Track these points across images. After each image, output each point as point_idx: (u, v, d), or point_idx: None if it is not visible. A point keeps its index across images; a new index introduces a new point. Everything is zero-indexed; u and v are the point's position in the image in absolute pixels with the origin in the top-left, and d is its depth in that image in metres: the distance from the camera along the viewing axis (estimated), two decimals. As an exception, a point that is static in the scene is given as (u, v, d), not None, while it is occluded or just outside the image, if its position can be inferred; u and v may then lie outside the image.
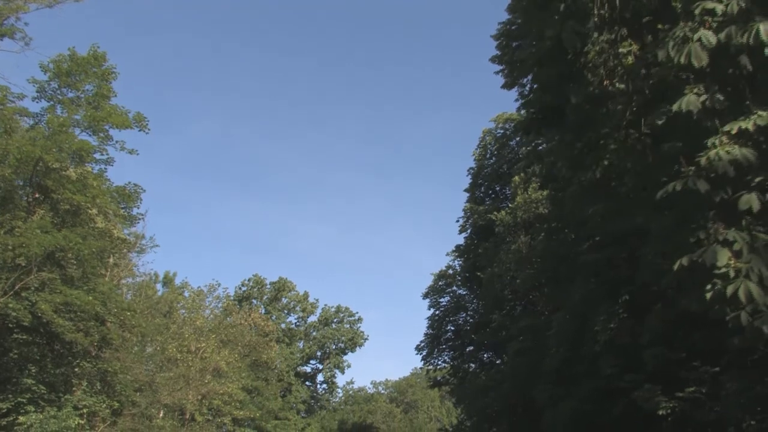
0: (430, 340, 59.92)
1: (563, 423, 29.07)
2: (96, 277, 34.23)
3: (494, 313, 48.45)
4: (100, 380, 34.55)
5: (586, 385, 27.44)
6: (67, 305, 31.36)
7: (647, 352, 23.72)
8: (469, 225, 55.21)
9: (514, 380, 39.25)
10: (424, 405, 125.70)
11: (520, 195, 47.20)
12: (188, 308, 64.75)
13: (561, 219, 34.01)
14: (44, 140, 32.58)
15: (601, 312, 26.62)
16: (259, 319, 77.22)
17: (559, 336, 29.94)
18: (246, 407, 63.09)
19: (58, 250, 31.73)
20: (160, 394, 49.13)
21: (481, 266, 49.09)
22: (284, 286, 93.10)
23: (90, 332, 32.84)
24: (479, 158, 57.01)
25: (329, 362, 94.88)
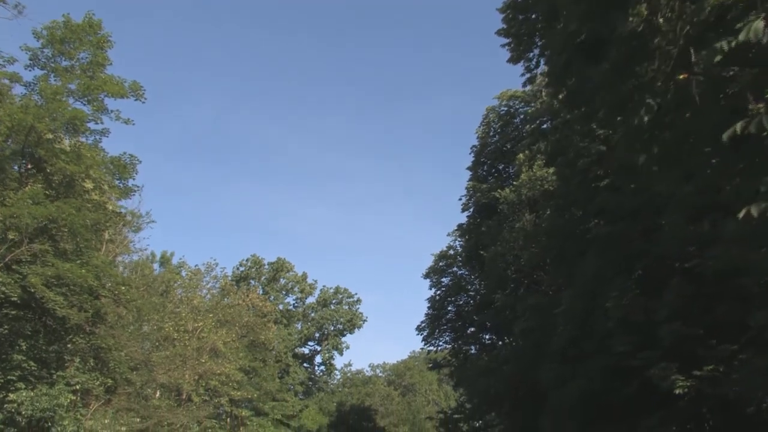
0: (431, 320, 59.06)
1: (570, 404, 28.15)
2: (90, 251, 33.12)
3: (497, 292, 47.52)
4: (93, 357, 33.47)
5: (596, 363, 26.51)
6: (59, 279, 30.28)
7: (664, 327, 22.77)
8: (472, 203, 54.21)
9: (519, 361, 38.42)
10: (422, 388, 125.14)
11: (525, 172, 46.18)
12: (185, 287, 63.78)
13: (568, 195, 33.03)
14: (37, 108, 31.45)
15: (613, 288, 25.63)
16: (257, 300, 76.36)
17: (567, 314, 28.94)
18: (243, 388, 62.25)
19: (51, 222, 30.64)
20: (156, 373, 48.20)
21: (484, 245, 48.11)
22: (282, 266, 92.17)
23: (83, 307, 31.82)
24: (482, 136, 55.94)
25: (327, 344, 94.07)
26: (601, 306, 26.68)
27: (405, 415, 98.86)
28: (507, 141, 54.65)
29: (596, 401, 26.88)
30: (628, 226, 25.65)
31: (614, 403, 26.03)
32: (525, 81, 37.33)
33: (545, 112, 46.98)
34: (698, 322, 22.49)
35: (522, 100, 53.73)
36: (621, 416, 25.76)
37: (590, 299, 27.72)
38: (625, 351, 24.28)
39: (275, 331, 78.14)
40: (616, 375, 25.61)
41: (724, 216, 20.38)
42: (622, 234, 25.71)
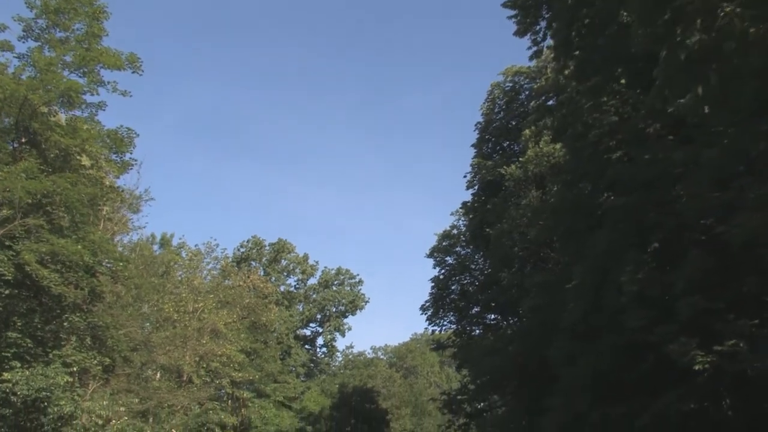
0: (435, 300, 58.25)
1: (582, 382, 27.27)
2: (86, 226, 32.20)
3: (503, 271, 46.63)
4: (90, 335, 32.58)
5: (609, 340, 25.63)
6: (53, 255, 29.38)
7: (681, 301, 21.88)
8: (477, 181, 53.19)
9: (526, 339, 37.58)
10: (423, 370, 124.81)
11: (531, 148, 45.17)
12: (186, 268, 63.01)
13: (578, 169, 32.07)
14: (30, 79, 30.52)
15: (627, 262, 24.71)
16: (258, 281, 75.63)
17: (578, 289, 27.97)
18: (245, 369, 61.59)
19: (45, 197, 29.73)
20: (156, 354, 47.50)
21: (490, 223, 47.17)
22: (284, 247, 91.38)
23: (79, 285, 30.93)
24: (487, 113, 54.88)
25: (329, 325, 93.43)
26: (614, 281, 25.78)
27: (407, 398, 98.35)
28: (512, 118, 53.68)
29: (609, 378, 26.03)
30: (643, 197, 24.69)
31: (628, 380, 25.17)
32: (531, 54, 36.45)
33: (551, 87, 46.07)
34: (717, 295, 21.63)
35: (527, 76, 52.74)
36: (634, 394, 24.89)
37: (602, 274, 26.80)
38: (640, 326, 23.39)
39: (276, 312, 77.44)
40: (631, 351, 24.78)
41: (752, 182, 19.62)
42: (638, 205, 24.74)
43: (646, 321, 23.28)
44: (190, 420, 51.98)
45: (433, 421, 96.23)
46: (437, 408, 73.37)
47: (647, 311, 23.53)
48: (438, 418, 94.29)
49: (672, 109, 25.14)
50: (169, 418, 49.09)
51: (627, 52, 28.63)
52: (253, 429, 68.57)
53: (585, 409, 27.11)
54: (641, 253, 24.73)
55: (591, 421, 26.50)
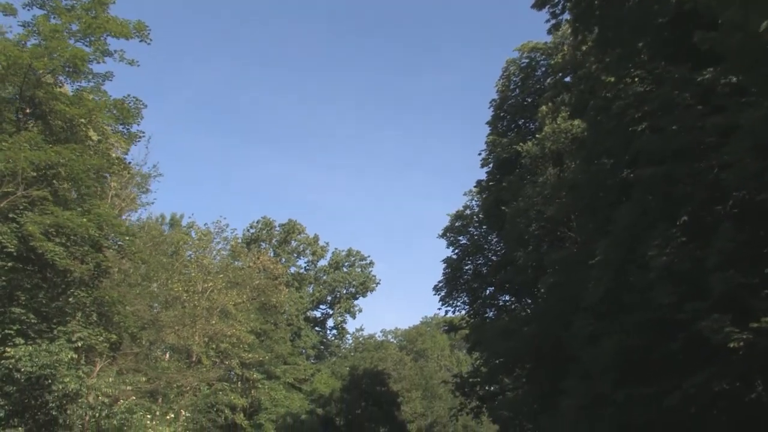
0: (448, 280, 57.32)
1: (606, 361, 26.23)
2: (92, 199, 31.21)
3: (518, 250, 45.58)
4: (96, 311, 31.64)
5: (636, 317, 24.59)
6: (58, 227, 28.41)
7: (714, 276, 20.82)
8: (492, 158, 52.11)
9: (543, 320, 36.57)
10: (434, 354, 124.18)
11: (548, 125, 43.99)
12: (195, 248, 62.20)
13: (601, 142, 30.96)
14: (34, 46, 29.52)
15: (655, 236, 23.66)
16: (268, 262, 74.81)
17: (602, 266, 26.94)
18: (254, 351, 60.87)
19: (49, 168, 28.76)
20: (164, 333, 46.74)
21: (505, 201, 46.04)
22: (294, 228, 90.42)
23: (85, 259, 29.99)
24: (502, 90, 53.73)
25: (340, 307, 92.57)
26: (640, 256, 24.79)
27: (417, 381, 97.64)
28: (528, 95, 52.59)
29: (634, 358, 25.00)
30: (673, 168, 23.60)
31: (655, 359, 24.14)
32: (550, 28, 35.50)
33: (568, 63, 44.98)
34: (752, 269, 20.58)
35: (543, 52, 51.59)
36: (662, 373, 23.88)
37: (627, 250, 25.79)
38: (670, 303, 22.36)
39: (287, 293, 76.63)
40: (659, 329, 23.76)
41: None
42: (668, 176, 23.65)
43: (676, 297, 22.28)
44: (199, 400, 51.31)
45: (443, 405, 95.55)
46: (450, 391, 72.50)
47: (677, 287, 22.53)
48: (449, 401, 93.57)
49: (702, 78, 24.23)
50: (178, 399, 48.42)
51: (652, 23, 27.67)
52: (262, 411, 68.00)
53: (608, 390, 26.13)
54: (670, 226, 23.68)
55: (614, 402, 25.49)
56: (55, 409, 28.87)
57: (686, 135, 23.72)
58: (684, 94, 24.63)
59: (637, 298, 24.60)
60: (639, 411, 24.27)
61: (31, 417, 29.38)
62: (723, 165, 22.17)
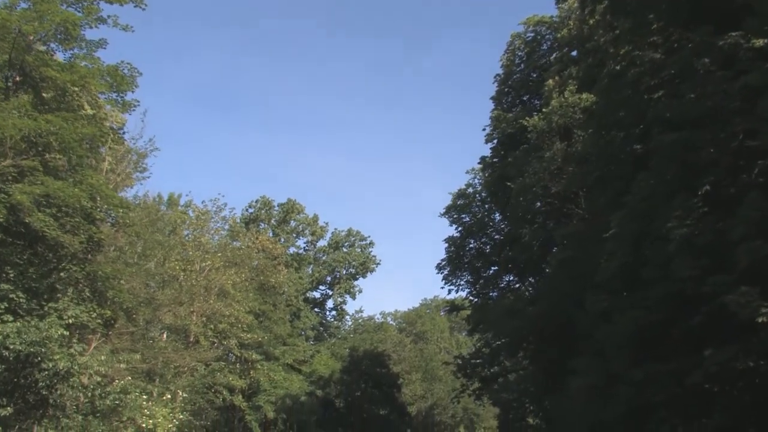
0: (450, 258, 56.32)
1: (622, 338, 25.07)
2: (84, 169, 29.88)
3: (524, 227, 44.50)
4: (89, 287, 30.41)
5: (655, 292, 23.41)
6: (48, 198, 27.11)
7: (740, 247, 19.66)
8: (497, 134, 50.87)
9: (552, 297, 35.45)
10: (433, 336, 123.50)
11: (555, 99, 42.73)
12: (193, 227, 60.99)
13: (614, 112, 29.74)
14: (24, 10, 28.20)
15: (675, 207, 22.49)
16: (266, 242, 73.72)
17: (617, 239, 25.77)
18: (253, 331, 59.81)
19: (39, 136, 27.45)
20: (161, 312, 45.58)
21: (510, 177, 44.89)
22: (293, 208, 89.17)
23: (77, 232, 28.65)
24: (507, 64, 52.52)
25: (339, 287, 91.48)
26: (658, 229, 23.65)
27: (417, 363, 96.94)
28: (533, 69, 51.38)
29: (653, 335, 23.86)
30: (696, 134, 22.39)
31: (675, 336, 23.01)
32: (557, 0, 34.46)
33: (575, 37, 43.84)
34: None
35: (549, 26, 50.41)
36: (682, 351, 22.77)
37: (644, 222, 24.63)
38: (691, 276, 21.21)
39: (286, 274, 75.56)
40: (678, 305, 22.62)
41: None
42: (689, 143, 22.43)
43: (698, 271, 21.14)
44: (196, 381, 50.20)
45: (443, 387, 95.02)
46: (451, 372, 71.75)
47: (698, 260, 21.39)
48: (449, 383, 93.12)
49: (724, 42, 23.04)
50: (175, 379, 47.32)
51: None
52: (261, 392, 67.01)
53: (623, 368, 25.03)
54: (690, 197, 22.50)
55: (630, 381, 24.38)
56: (46, 388, 27.64)
57: (707, 101, 22.55)
58: (704, 59, 23.44)
59: (655, 272, 23.45)
60: (656, 390, 23.15)
61: (21, 396, 28.19)
62: (748, 131, 21.06)
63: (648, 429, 23.61)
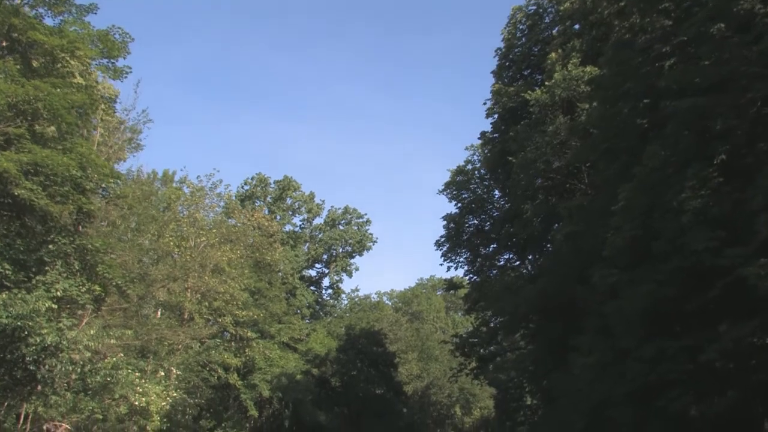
0: (450, 235, 55.48)
1: (632, 314, 24.17)
2: (74, 137, 28.74)
3: (525, 203, 43.60)
4: (79, 260, 29.37)
5: (667, 266, 22.51)
6: (36, 166, 26.00)
7: (759, 218, 18.79)
8: (498, 108, 49.80)
9: (557, 272, 34.54)
10: (429, 316, 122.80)
11: (558, 72, 41.69)
12: (187, 203, 59.97)
13: (622, 82, 28.70)
14: (8, -30, 27.15)
15: (689, 177, 21.59)
16: (262, 219, 72.69)
17: (626, 212, 24.83)
18: (248, 309, 58.89)
19: (26, 103, 26.32)
20: (154, 288, 44.61)
21: (512, 152, 43.93)
22: (289, 185, 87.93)
23: (66, 201, 27.53)
24: (508, 38, 51.46)
25: (336, 265, 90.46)
26: (670, 200, 22.76)
27: (413, 342, 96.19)
28: (535, 43, 50.28)
29: (665, 310, 22.99)
30: (713, 100, 21.43)
31: (688, 311, 22.13)
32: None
33: (578, 10, 42.82)
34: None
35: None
36: (696, 327, 21.94)
37: (655, 194, 23.72)
38: (708, 249, 20.33)
39: (281, 252, 74.59)
40: (692, 279, 21.76)
41: None
42: (706, 109, 21.47)
43: (714, 243, 20.28)
44: (190, 358, 49.34)
45: (439, 366, 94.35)
46: (449, 351, 71.23)
47: (714, 232, 20.52)
48: (445, 363, 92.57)
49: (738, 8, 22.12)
50: (169, 357, 46.46)
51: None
52: (257, 370, 66.15)
53: (633, 345, 24.17)
54: (705, 166, 21.59)
55: (640, 358, 23.53)
56: (33, 363, 26.53)
57: (724, 67, 21.62)
58: (719, 24, 22.51)
59: (667, 245, 22.57)
60: (668, 367, 22.30)
61: (7, 372, 27.10)
62: (767, 98, 20.18)
63: (658, 407, 22.75)
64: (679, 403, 21.76)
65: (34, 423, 31.50)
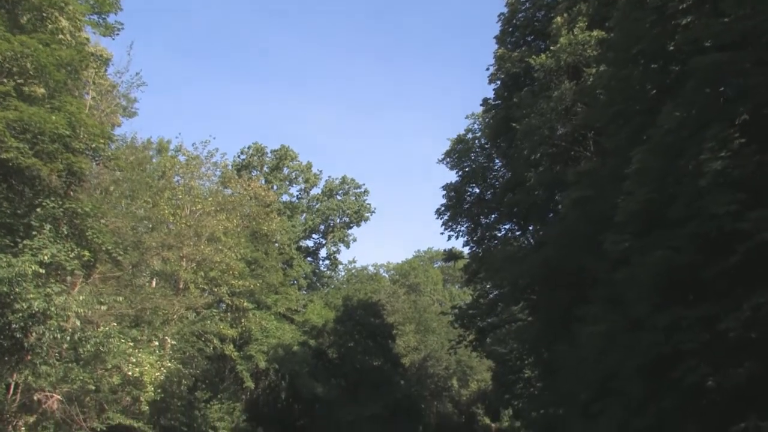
0: (450, 205, 54.55)
1: (646, 282, 23.17)
2: (62, 95, 27.56)
3: (529, 170, 42.56)
4: (68, 224, 28.30)
5: (684, 231, 21.48)
6: (22, 124, 24.87)
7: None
8: (501, 74, 48.56)
9: (564, 239, 33.51)
10: (426, 288, 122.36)
11: (564, 36, 40.47)
12: (183, 172, 58.95)
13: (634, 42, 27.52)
14: None
15: (709, 138, 20.52)
16: (259, 189, 71.63)
17: (640, 175, 23.78)
18: (244, 278, 58.03)
19: (13, 59, 25.16)
20: (148, 256, 43.65)
21: (515, 118, 42.80)
22: (286, 154, 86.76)
23: (54, 160, 26.38)
24: (512, 2, 49.99)
25: (333, 236, 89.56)
26: (687, 163, 21.73)
27: (411, 314, 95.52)
28: (539, 8, 48.90)
29: (681, 277, 21.99)
30: (737, 55, 20.32)
31: (706, 278, 21.12)
32: None
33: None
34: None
35: None
36: (714, 294, 20.94)
37: (671, 156, 22.65)
38: (729, 213, 19.30)
39: (278, 222, 73.58)
40: (711, 244, 20.75)
41: None
42: (729, 65, 20.35)
43: (736, 206, 19.24)
44: (185, 327, 48.48)
45: (437, 339, 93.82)
46: (449, 322, 70.56)
47: (736, 194, 19.49)
48: (442, 335, 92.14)
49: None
50: (163, 327, 45.60)
51: None
52: (253, 341, 65.42)
53: (646, 314, 23.20)
54: (726, 127, 20.51)
55: (653, 328, 22.56)
56: (20, 331, 25.60)
57: (748, 21, 20.51)
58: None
59: (684, 210, 21.55)
60: (683, 338, 21.32)
61: (-7, 340, 26.25)
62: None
63: (672, 379, 21.81)
64: (695, 375, 20.83)
65: (24, 394, 30.67)
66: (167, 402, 46.93)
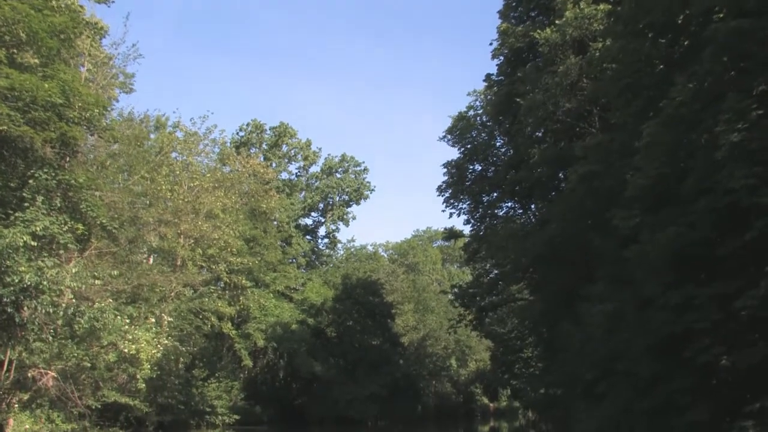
0: (451, 182, 53.80)
1: (658, 259, 22.44)
2: (55, 63, 26.74)
3: (533, 147, 41.80)
4: (61, 197, 27.56)
5: (698, 206, 20.76)
6: (14, 91, 24.10)
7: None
8: (504, 49, 47.61)
9: (570, 216, 32.81)
10: (425, 268, 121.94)
11: (570, 10, 39.60)
12: (181, 148, 58.23)
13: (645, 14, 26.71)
14: None
15: (725, 110, 19.76)
16: (258, 166, 70.99)
17: (651, 149, 23.03)
18: (243, 256, 57.52)
19: (4, 26, 24.36)
20: (145, 231, 42.97)
21: (519, 93, 41.96)
22: (285, 131, 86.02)
23: (47, 128, 25.58)
24: (516, -25, 49.07)
25: (332, 214, 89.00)
26: (700, 136, 21.02)
27: (410, 293, 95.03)
28: (544, -18, 47.97)
29: (694, 254, 21.30)
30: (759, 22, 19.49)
31: (720, 255, 20.44)
32: None
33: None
34: None
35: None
36: (729, 272, 20.27)
37: (686, 128, 21.91)
38: (746, 186, 18.58)
39: (277, 199, 72.99)
40: (725, 219, 20.06)
41: None
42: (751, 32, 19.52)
43: (753, 180, 18.52)
44: (182, 305, 47.91)
45: (436, 318, 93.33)
46: (449, 301, 70.14)
47: (752, 168, 18.76)
48: (441, 314, 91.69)
49: None
50: (161, 304, 45.04)
51: None
52: (251, 320, 64.98)
53: (657, 292, 22.51)
54: (743, 98, 19.74)
55: (665, 306, 21.88)
56: (11, 305, 24.97)
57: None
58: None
59: (698, 184, 20.83)
60: (696, 317, 20.65)
61: (-15, 315, 25.60)
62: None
63: (684, 358, 21.16)
64: (707, 354, 20.19)
65: (19, 371, 30.10)
66: (164, 380, 46.53)
